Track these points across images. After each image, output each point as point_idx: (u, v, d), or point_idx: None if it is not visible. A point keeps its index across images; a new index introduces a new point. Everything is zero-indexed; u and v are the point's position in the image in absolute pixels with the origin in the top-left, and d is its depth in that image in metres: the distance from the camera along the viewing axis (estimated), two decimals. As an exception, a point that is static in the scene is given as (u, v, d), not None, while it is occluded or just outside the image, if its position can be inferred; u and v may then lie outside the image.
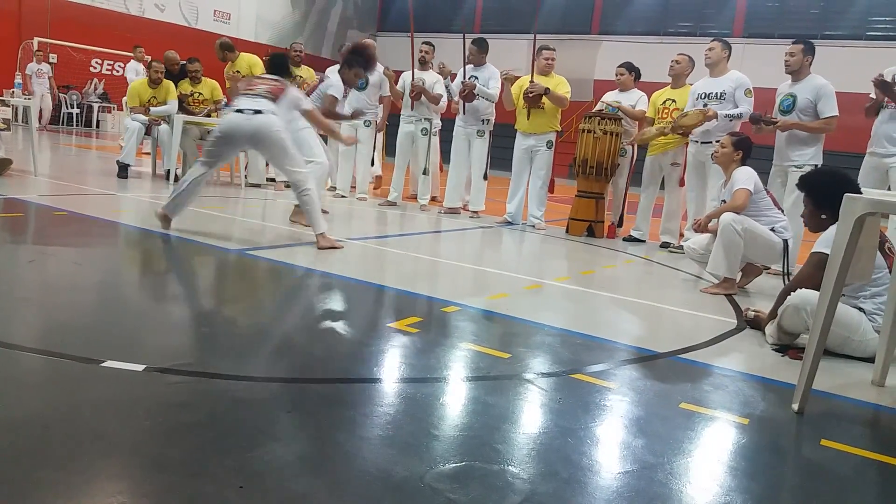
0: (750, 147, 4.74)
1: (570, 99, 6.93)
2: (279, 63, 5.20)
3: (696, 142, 5.97)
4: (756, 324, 3.58)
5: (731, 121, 5.74)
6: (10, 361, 2.27)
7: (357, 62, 5.65)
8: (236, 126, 4.67)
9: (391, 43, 8.74)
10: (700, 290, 4.54)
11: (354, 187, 8.18)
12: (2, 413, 1.88)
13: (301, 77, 8.45)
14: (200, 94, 8.26)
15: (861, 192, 3.12)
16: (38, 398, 2.01)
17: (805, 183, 3.54)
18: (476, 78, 7.13)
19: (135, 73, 11.81)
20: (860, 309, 3.21)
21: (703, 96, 5.92)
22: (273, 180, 8.41)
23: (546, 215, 7.17)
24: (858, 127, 5.53)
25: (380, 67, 7.86)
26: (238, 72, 7.96)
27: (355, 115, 6.35)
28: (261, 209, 6.54)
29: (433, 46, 7.79)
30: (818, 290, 2.57)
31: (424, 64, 7.66)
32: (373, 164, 8.48)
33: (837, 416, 2.59)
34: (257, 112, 4.64)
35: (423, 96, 7.49)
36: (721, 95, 5.82)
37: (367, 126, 7.94)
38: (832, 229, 3.17)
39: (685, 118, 5.83)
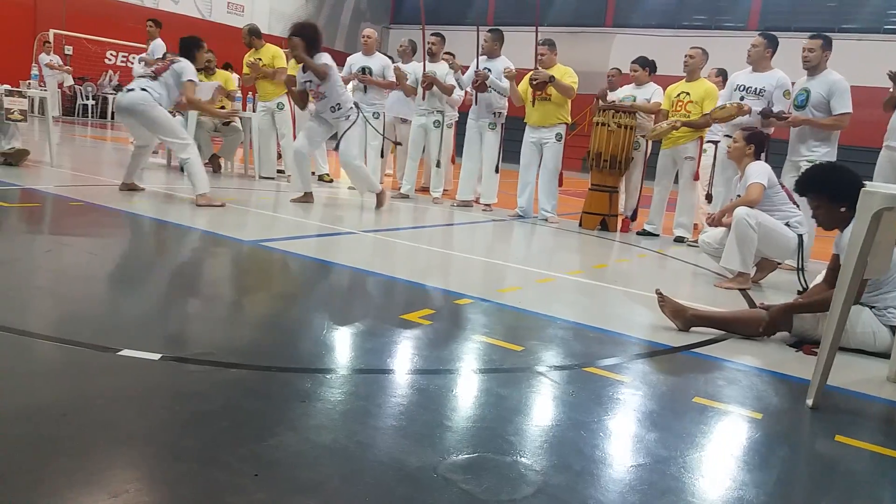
0: (763, 141, 4.70)
1: (577, 91, 6.88)
2: (183, 46, 5.88)
3: (729, 136, 5.83)
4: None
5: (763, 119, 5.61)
6: (27, 350, 2.30)
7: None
8: (117, 102, 5.73)
9: (404, 36, 8.71)
10: (714, 285, 4.53)
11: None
12: (20, 401, 1.90)
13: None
14: None
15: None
16: (55, 387, 2.03)
17: (810, 182, 3.31)
18: (489, 70, 7.10)
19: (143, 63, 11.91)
20: (870, 307, 3.18)
21: (741, 88, 5.76)
22: (283, 172, 8.42)
23: (559, 209, 7.15)
24: (875, 121, 5.47)
25: (388, 63, 7.90)
26: (259, 59, 7.97)
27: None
28: (273, 201, 6.57)
29: (442, 37, 7.75)
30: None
31: (434, 56, 7.63)
32: (382, 155, 8.47)
33: (852, 412, 2.58)
34: (130, 90, 5.57)
35: (434, 86, 7.47)
36: (760, 92, 5.63)
37: (376, 118, 7.93)
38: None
39: (722, 111, 5.69)
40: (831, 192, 3.22)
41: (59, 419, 1.80)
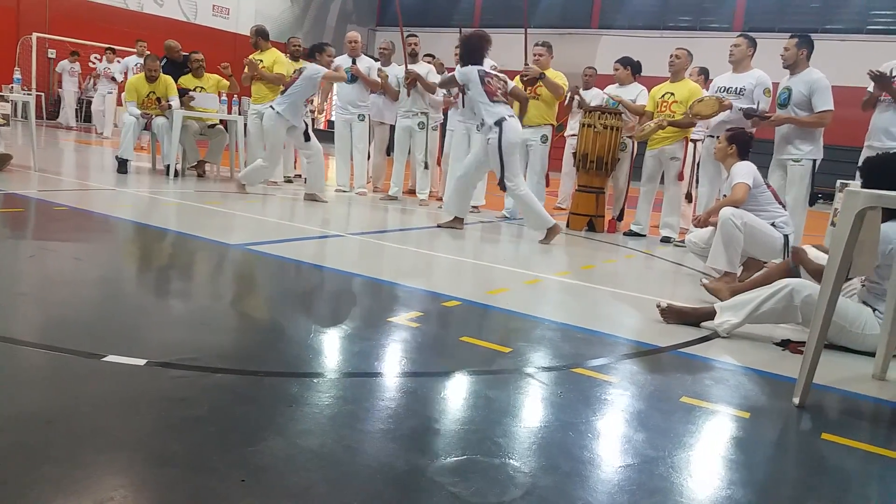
0: (745, 141, 4.72)
1: (566, 91, 6.91)
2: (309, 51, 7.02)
3: (712, 136, 5.88)
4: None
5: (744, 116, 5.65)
6: (12, 356, 2.28)
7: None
8: None
9: (390, 38, 8.71)
10: (700, 284, 4.54)
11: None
12: (4, 408, 1.88)
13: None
14: (203, 88, 8.23)
15: None
16: (40, 393, 2.01)
17: (862, 168, 3.36)
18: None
19: (125, 66, 11.95)
20: (873, 308, 3.19)
21: (722, 90, 5.82)
22: None
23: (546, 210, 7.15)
24: (858, 120, 5.51)
25: (373, 65, 7.90)
26: (261, 61, 7.96)
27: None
28: (260, 205, 6.54)
29: (418, 38, 7.78)
30: None
31: (415, 56, 7.65)
32: (369, 157, 8.47)
33: (838, 410, 2.60)
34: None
35: (418, 84, 7.47)
36: (741, 91, 5.70)
37: (361, 120, 7.93)
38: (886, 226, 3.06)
39: (701, 104, 5.72)
40: (867, 184, 3.16)
41: (45, 426, 1.78)
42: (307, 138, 7.00)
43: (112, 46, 14.20)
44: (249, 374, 2.29)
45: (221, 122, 8.34)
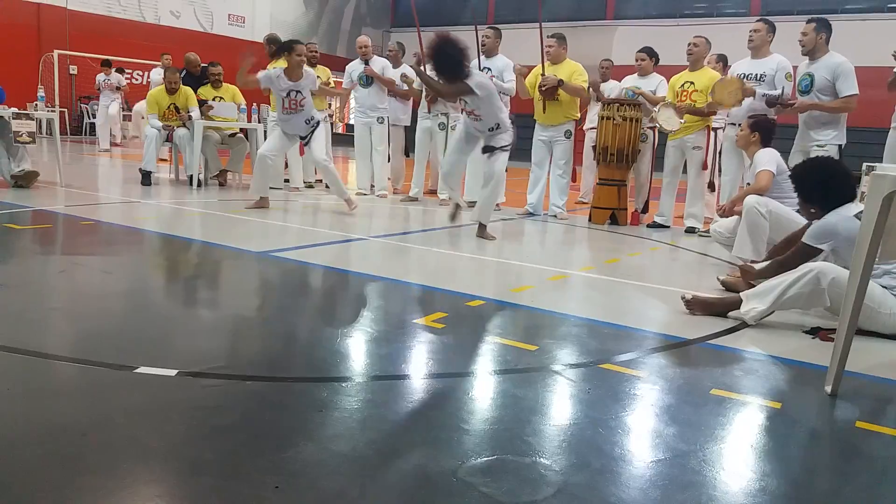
0: (768, 128, 4.67)
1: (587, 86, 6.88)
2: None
3: (734, 124, 5.82)
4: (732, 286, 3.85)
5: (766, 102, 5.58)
6: (46, 370, 2.32)
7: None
8: None
9: (405, 39, 8.74)
10: (727, 274, 4.49)
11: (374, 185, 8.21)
12: (41, 421, 1.92)
13: (318, 77, 8.50)
14: (222, 98, 8.31)
15: (852, 182, 3.22)
16: (74, 406, 2.04)
17: (793, 175, 3.61)
18: (489, 69, 7.08)
19: (154, 78, 12.03)
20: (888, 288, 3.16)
21: (742, 76, 5.76)
22: (288, 181, 8.44)
23: (568, 205, 7.14)
24: (882, 101, 5.42)
25: (387, 65, 7.91)
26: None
27: None
28: (282, 211, 6.58)
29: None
30: None
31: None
32: (389, 159, 8.49)
33: (872, 398, 2.56)
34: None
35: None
36: (761, 77, 5.62)
37: (381, 123, 7.96)
38: (828, 219, 3.30)
39: (722, 88, 5.60)
40: (803, 191, 3.51)
41: (80, 438, 1.82)
42: (308, 145, 6.56)
43: (108, 58, 14.20)
44: (279, 381, 2.31)
45: (242, 130, 8.41)
